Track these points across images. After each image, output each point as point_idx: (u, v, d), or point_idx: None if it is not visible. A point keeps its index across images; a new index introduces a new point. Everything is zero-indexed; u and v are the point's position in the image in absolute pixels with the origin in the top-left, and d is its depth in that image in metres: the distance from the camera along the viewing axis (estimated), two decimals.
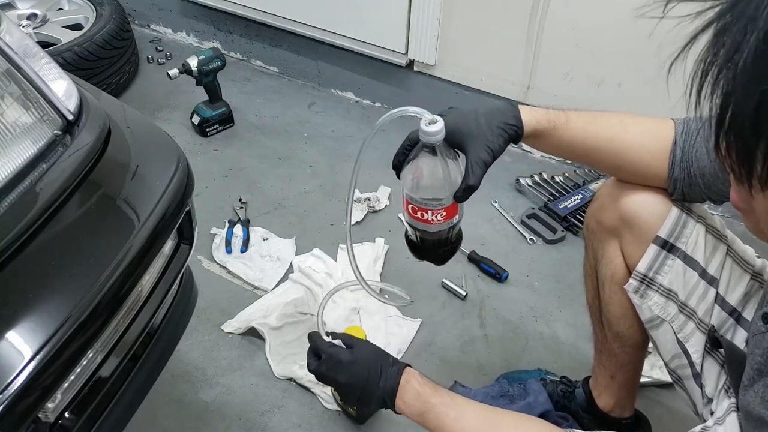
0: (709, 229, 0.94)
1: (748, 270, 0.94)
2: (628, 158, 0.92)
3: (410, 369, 0.90)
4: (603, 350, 1.14)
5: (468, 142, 0.83)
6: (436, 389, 0.87)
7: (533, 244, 1.78)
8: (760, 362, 0.68)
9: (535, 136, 0.89)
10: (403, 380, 0.87)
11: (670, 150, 0.89)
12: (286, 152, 2.09)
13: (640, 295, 0.97)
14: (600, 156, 0.93)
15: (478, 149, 0.82)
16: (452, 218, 0.87)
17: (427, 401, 0.85)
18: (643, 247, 0.95)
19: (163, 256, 0.96)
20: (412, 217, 0.88)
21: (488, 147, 0.83)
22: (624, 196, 0.96)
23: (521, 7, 1.79)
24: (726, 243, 0.95)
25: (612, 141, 0.91)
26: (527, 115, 0.87)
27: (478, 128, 0.83)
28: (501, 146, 0.84)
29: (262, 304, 1.56)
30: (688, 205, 0.94)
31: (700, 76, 0.46)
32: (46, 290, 0.75)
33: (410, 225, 0.91)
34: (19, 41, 0.91)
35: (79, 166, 0.86)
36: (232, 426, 1.34)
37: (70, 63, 2.00)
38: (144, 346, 1.00)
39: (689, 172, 0.88)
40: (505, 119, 0.85)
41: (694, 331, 0.94)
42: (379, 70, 2.19)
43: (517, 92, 1.96)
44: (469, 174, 0.82)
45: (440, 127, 0.79)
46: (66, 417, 0.83)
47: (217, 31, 2.53)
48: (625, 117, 0.93)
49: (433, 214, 0.85)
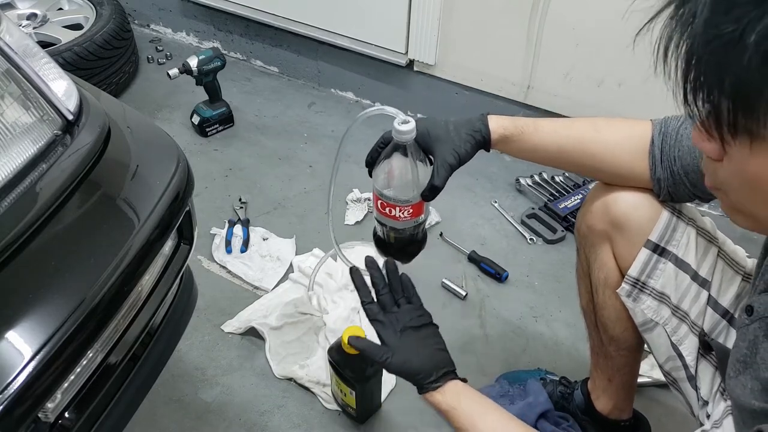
0: (699, 232, 0.94)
1: (740, 271, 0.94)
2: (605, 159, 0.93)
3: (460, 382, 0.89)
4: (599, 354, 1.14)
5: (437, 146, 0.89)
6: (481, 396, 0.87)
7: (533, 244, 1.78)
8: (746, 354, 0.69)
9: (504, 142, 0.93)
10: (450, 384, 0.87)
11: (648, 150, 0.89)
12: (286, 152, 2.09)
13: (633, 299, 0.97)
14: (572, 157, 0.94)
15: (445, 153, 0.88)
16: (418, 216, 0.94)
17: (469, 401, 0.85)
18: (635, 250, 0.95)
19: (163, 256, 0.96)
20: (380, 213, 0.93)
21: (455, 151, 0.88)
22: (613, 199, 0.96)
23: (521, 7, 1.79)
24: (717, 245, 0.95)
25: (582, 142, 0.92)
26: (494, 123, 0.92)
27: (446, 134, 0.89)
28: (468, 151, 0.90)
29: (262, 304, 1.56)
30: (679, 208, 0.94)
31: (666, 38, 0.50)
32: (46, 290, 0.75)
33: (378, 221, 0.97)
34: (19, 41, 0.91)
35: (79, 166, 0.86)
36: (232, 426, 1.34)
37: (70, 63, 2.00)
38: (144, 346, 1.00)
39: (672, 171, 0.88)
40: (473, 127, 0.91)
41: (687, 333, 0.94)
42: (379, 70, 2.19)
43: (517, 92, 1.96)
44: (435, 175, 0.87)
45: (412, 127, 0.85)
46: (66, 417, 0.83)
47: (217, 31, 2.53)
48: (596, 120, 0.95)
49: (400, 211, 0.91)
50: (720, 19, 0.45)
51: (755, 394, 0.65)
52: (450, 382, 0.87)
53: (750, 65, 0.44)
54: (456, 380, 0.88)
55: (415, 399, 1.38)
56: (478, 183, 1.95)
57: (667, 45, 0.50)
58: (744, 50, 0.44)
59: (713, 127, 0.51)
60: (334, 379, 1.29)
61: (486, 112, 0.94)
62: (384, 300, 0.93)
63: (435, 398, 0.86)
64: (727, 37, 0.45)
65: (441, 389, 0.86)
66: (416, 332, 0.91)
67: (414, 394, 0.89)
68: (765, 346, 0.66)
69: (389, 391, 1.39)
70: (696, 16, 0.47)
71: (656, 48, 0.50)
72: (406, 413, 1.36)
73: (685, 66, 0.49)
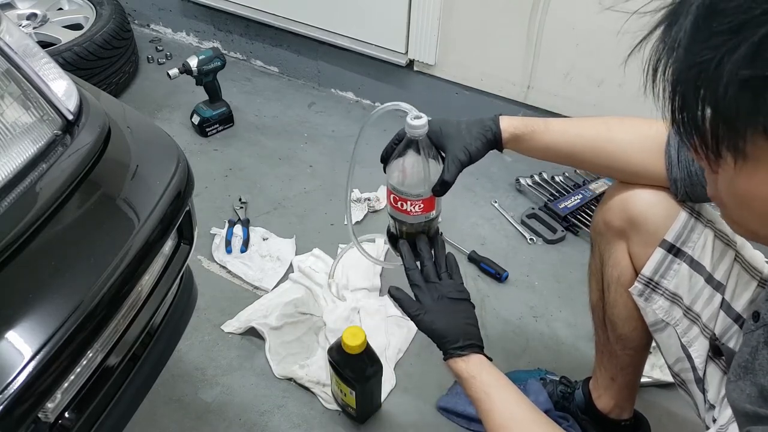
0: (717, 234, 0.93)
1: (756, 276, 0.93)
2: (619, 158, 0.93)
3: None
4: (604, 352, 1.14)
5: (448, 143, 0.91)
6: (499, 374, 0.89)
7: (533, 244, 1.78)
8: (747, 360, 0.69)
9: (515, 141, 0.94)
10: (475, 356, 0.89)
11: (665, 150, 0.89)
12: (286, 152, 2.09)
13: (645, 299, 0.96)
14: (585, 156, 0.94)
15: (456, 150, 0.91)
16: (429, 212, 0.96)
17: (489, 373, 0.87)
18: (650, 250, 0.94)
19: (163, 256, 0.96)
20: (393, 207, 0.96)
21: (466, 149, 0.91)
22: (632, 197, 0.96)
23: (521, 7, 1.79)
24: (734, 249, 0.94)
25: (595, 141, 0.93)
26: (505, 123, 0.94)
27: (458, 132, 0.92)
28: (479, 149, 0.92)
29: (262, 304, 1.56)
30: (698, 209, 0.94)
31: (654, 61, 0.52)
32: (46, 290, 0.75)
33: (391, 216, 0.99)
34: (19, 41, 0.90)
35: (79, 166, 0.86)
36: (232, 426, 1.34)
37: (70, 63, 2.00)
38: (144, 346, 1.00)
39: (689, 171, 0.87)
40: (484, 126, 0.93)
41: (698, 335, 0.94)
42: (379, 70, 2.19)
43: (517, 92, 1.96)
44: (446, 171, 0.90)
45: (424, 122, 0.88)
46: (66, 417, 0.83)
47: (217, 31, 2.53)
48: (609, 118, 0.95)
49: (412, 205, 0.93)
50: (699, 46, 0.47)
51: (751, 399, 0.65)
52: (476, 354, 0.89)
53: (727, 92, 0.46)
54: (482, 355, 0.90)
55: (415, 399, 1.39)
56: (478, 183, 1.95)
57: (655, 68, 0.51)
58: (720, 78, 0.46)
59: (699, 147, 0.52)
60: (334, 379, 1.29)
61: (498, 113, 0.96)
62: (428, 270, 0.95)
63: (458, 365, 0.88)
64: (706, 64, 0.46)
65: (465, 358, 0.88)
66: (452, 303, 0.92)
67: (414, 393, 0.89)
68: (764, 353, 0.66)
69: (389, 391, 1.39)
70: (678, 42, 0.49)
71: (646, 69, 0.52)
72: (406, 413, 1.36)
73: (671, 89, 0.51)
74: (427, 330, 0.91)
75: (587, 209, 1.84)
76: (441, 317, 0.90)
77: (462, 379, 0.88)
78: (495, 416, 0.84)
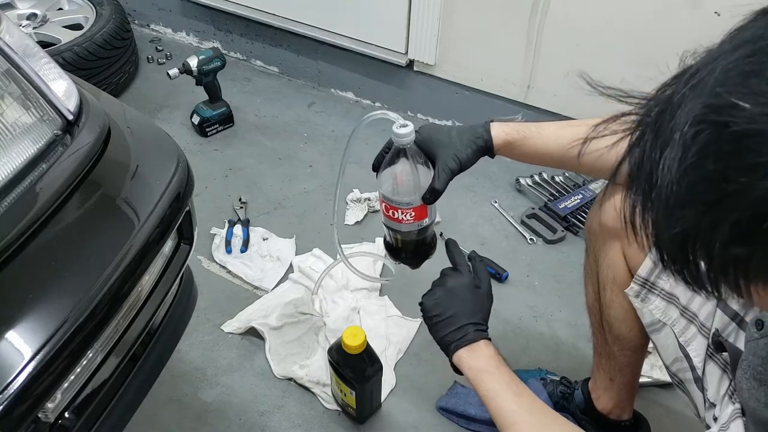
0: None
1: None
2: (611, 159, 0.92)
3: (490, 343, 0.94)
4: (602, 353, 1.14)
5: (439, 150, 0.91)
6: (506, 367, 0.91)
7: (533, 244, 1.78)
8: (761, 371, 0.69)
9: (507, 147, 0.95)
10: (482, 343, 0.93)
11: None
12: (286, 152, 2.09)
13: (641, 300, 0.96)
14: (577, 160, 0.93)
15: (446, 157, 0.90)
16: (421, 220, 0.95)
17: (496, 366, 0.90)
18: (645, 251, 0.94)
19: (163, 256, 0.96)
20: (386, 216, 0.95)
21: (456, 156, 0.90)
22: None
23: (521, 7, 1.79)
24: None
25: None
26: (497, 129, 0.93)
27: (449, 139, 0.91)
28: (469, 156, 0.91)
29: (262, 304, 1.56)
30: None
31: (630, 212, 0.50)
32: (46, 290, 0.75)
33: (385, 225, 0.99)
34: (19, 41, 0.91)
35: (79, 166, 0.86)
36: (232, 426, 1.34)
37: (70, 63, 2.00)
38: (144, 346, 1.00)
39: None
40: (475, 133, 0.92)
41: (695, 335, 0.93)
42: (379, 70, 2.19)
43: (517, 92, 1.96)
44: (436, 179, 0.89)
45: (409, 131, 0.87)
46: (66, 417, 0.83)
47: (217, 31, 2.53)
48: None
49: (403, 213, 0.93)
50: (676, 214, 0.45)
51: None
52: (483, 341, 0.94)
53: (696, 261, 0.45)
54: (488, 341, 0.94)
55: (415, 399, 1.39)
56: (478, 183, 1.95)
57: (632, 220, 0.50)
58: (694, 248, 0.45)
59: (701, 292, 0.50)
60: (334, 379, 1.29)
61: (489, 119, 0.95)
62: (462, 271, 1.00)
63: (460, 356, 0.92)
64: (680, 236, 0.45)
65: (472, 346, 0.92)
66: (475, 288, 0.98)
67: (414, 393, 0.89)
68: None
69: (389, 391, 1.39)
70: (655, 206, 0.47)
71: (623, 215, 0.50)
72: (406, 413, 1.36)
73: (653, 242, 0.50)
74: (446, 290, 0.97)
75: (587, 209, 1.84)
76: (459, 293, 0.98)
77: (474, 378, 0.91)
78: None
